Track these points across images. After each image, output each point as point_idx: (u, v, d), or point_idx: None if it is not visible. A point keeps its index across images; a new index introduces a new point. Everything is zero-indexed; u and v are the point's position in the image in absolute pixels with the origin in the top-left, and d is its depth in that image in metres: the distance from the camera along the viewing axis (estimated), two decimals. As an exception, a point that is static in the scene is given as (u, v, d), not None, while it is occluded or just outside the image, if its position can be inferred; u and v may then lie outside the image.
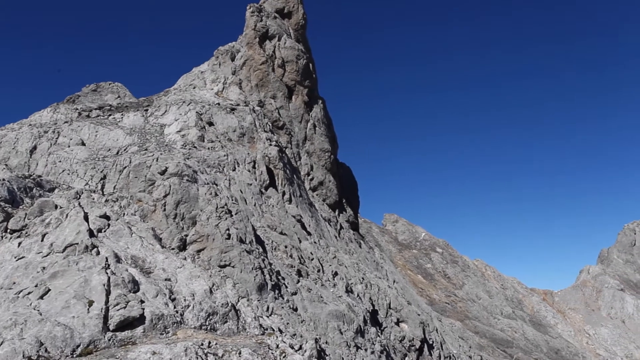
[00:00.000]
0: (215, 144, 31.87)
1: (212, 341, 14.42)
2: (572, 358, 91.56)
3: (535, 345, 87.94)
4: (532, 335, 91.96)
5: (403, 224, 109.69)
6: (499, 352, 72.73)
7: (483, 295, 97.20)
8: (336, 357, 21.68)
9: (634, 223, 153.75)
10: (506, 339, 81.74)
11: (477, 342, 70.10)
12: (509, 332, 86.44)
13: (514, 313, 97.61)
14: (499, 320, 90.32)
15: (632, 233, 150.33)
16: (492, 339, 78.14)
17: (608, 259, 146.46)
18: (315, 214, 36.98)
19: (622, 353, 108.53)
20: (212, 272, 19.43)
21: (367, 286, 32.12)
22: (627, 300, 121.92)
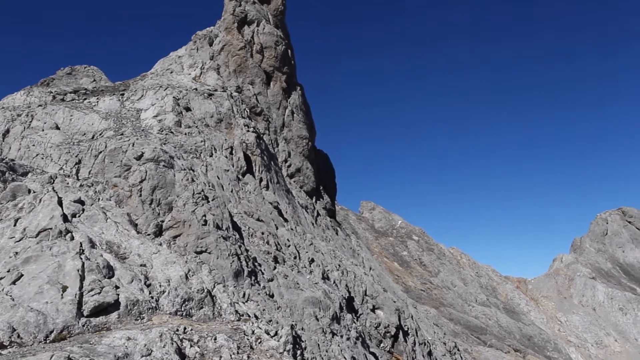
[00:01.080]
0: (192, 130, 31.62)
1: (187, 327, 14.38)
2: (544, 345, 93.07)
3: (508, 332, 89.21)
4: (506, 322, 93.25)
5: (380, 212, 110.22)
6: (473, 338, 73.68)
7: (458, 283, 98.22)
8: (312, 343, 21.77)
9: (606, 213, 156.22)
10: (480, 325, 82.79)
11: (452, 328, 70.92)
12: (483, 319, 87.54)
13: (488, 300, 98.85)
14: (473, 308, 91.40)
15: (605, 223, 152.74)
16: (467, 325, 79.11)
17: (581, 248, 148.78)
18: (293, 200, 36.96)
19: (593, 340, 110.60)
20: (188, 258, 19.34)
21: (343, 273, 32.25)
22: (598, 288, 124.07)
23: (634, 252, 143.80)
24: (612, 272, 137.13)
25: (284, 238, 28.90)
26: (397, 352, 30.96)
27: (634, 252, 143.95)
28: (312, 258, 29.52)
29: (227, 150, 31.58)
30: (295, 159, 42.37)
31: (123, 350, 12.40)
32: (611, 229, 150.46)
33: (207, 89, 37.21)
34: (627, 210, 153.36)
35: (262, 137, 37.07)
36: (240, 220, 26.29)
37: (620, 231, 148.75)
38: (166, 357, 12.50)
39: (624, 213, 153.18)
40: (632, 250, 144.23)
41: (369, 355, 26.51)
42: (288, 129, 42.82)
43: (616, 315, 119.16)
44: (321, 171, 47.72)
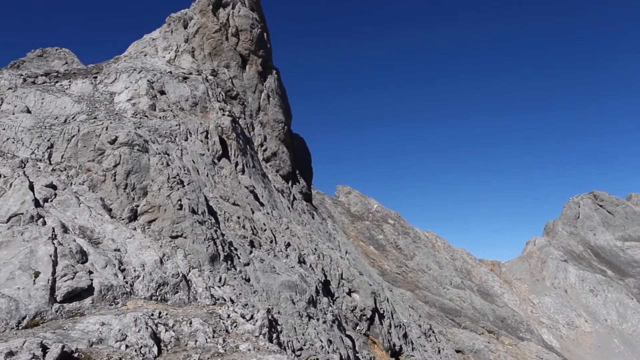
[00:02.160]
0: (167, 113, 31.27)
1: (162, 311, 14.31)
2: (517, 326, 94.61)
3: (482, 314, 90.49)
4: (480, 304, 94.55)
5: (356, 196, 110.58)
6: (448, 320, 74.61)
7: (433, 266, 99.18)
8: (288, 327, 21.85)
9: (578, 197, 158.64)
10: (455, 308, 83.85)
11: (427, 311, 71.69)
12: (457, 302, 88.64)
13: (463, 283, 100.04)
14: (448, 290, 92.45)
15: (577, 206, 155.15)
16: (441, 308, 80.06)
17: (553, 231, 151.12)
18: (269, 184, 36.87)
19: (564, 321, 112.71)
20: (163, 243, 19.22)
21: (319, 257, 32.35)
22: (570, 270, 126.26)
23: (605, 235, 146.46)
24: (583, 255, 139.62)
25: (260, 222, 28.86)
26: (373, 334, 31.23)
27: (605, 235, 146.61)
28: (289, 242, 29.54)
29: (203, 134, 31.34)
30: (271, 143, 42.22)
31: (97, 335, 12.32)
32: (583, 213, 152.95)
33: (181, 72, 36.79)
34: (598, 194, 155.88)
35: (238, 121, 36.84)
36: (216, 204, 26.17)
37: (592, 215, 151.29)
38: (141, 341, 12.44)
39: (596, 197, 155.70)
40: (603, 233, 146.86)
41: (345, 338, 26.71)
42: (264, 113, 42.60)
43: (587, 296, 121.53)
44: (297, 155, 47.65)
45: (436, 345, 42.81)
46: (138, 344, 12.40)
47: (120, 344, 12.22)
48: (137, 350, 12.21)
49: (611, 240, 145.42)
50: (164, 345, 12.92)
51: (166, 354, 12.61)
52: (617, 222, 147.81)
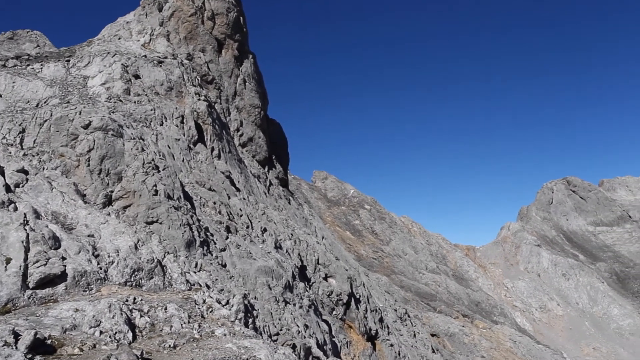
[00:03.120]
0: (141, 98, 30.91)
1: (137, 297, 14.23)
2: (491, 310, 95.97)
3: (457, 298, 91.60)
4: (455, 288, 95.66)
5: (332, 181, 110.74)
6: (423, 305, 75.36)
7: (409, 251, 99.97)
8: (265, 312, 21.89)
9: (552, 182, 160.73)
10: (430, 292, 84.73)
11: (403, 295, 72.34)
12: (433, 286, 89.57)
13: (438, 268, 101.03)
14: (423, 275, 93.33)
15: (550, 192, 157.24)
16: (417, 292, 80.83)
17: (527, 216, 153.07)
18: (245, 170, 36.74)
19: (537, 304, 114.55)
20: (138, 228, 19.07)
21: (296, 242, 32.40)
22: (543, 255, 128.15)
23: (577, 220, 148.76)
24: (556, 240, 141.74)
25: (236, 208, 28.79)
26: (349, 319, 31.44)
27: (577, 220, 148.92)
28: (265, 227, 29.52)
29: (178, 119, 31.07)
30: (247, 128, 42.02)
31: (71, 322, 12.21)
32: (556, 198, 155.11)
33: (156, 56, 36.35)
34: (571, 180, 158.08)
35: (214, 106, 36.58)
36: (191, 190, 26.03)
37: (565, 200, 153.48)
38: (115, 327, 12.36)
39: (569, 183, 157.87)
40: (576, 219, 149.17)
41: (322, 323, 26.86)
42: (240, 98, 42.34)
43: (559, 280, 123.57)
44: (274, 140, 47.51)
45: (412, 330, 43.27)
46: (112, 330, 12.32)
47: (94, 330, 12.13)
48: (112, 336, 12.14)
49: (583, 225, 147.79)
50: (138, 331, 12.86)
51: (141, 340, 12.56)
52: (589, 207, 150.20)
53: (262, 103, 44.61)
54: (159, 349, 12.13)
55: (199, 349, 12.32)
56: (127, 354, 10.67)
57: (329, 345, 25.75)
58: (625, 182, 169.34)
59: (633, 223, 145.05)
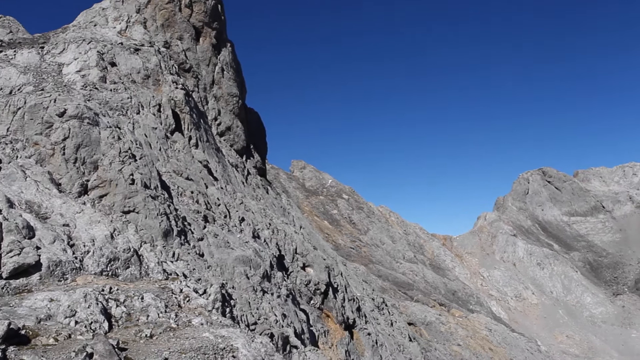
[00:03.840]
0: (118, 86, 30.55)
1: (113, 287, 14.13)
2: (467, 299, 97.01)
3: (434, 287, 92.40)
4: (432, 278, 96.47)
5: (310, 171, 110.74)
6: (401, 294, 75.89)
7: (387, 241, 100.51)
8: (243, 301, 21.88)
9: (528, 173, 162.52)
10: (407, 281, 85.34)
11: (380, 285, 72.76)
12: (410, 276, 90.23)
13: (415, 257, 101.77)
14: (401, 264, 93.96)
15: (526, 182, 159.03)
16: (394, 282, 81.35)
17: (503, 207, 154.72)
18: (223, 159, 36.57)
19: (512, 293, 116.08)
20: (114, 218, 18.90)
21: (273, 232, 32.38)
22: (519, 244, 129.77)
23: (552, 211, 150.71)
24: (531, 229, 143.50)
25: (214, 197, 28.66)
26: (327, 308, 31.56)
27: (552, 210, 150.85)
28: (243, 217, 29.46)
29: (155, 107, 30.78)
30: (225, 117, 41.78)
31: (45, 312, 12.09)
32: (532, 189, 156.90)
33: (133, 43, 35.91)
34: (547, 171, 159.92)
35: (191, 95, 36.29)
36: (169, 179, 25.85)
37: (540, 190, 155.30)
38: (91, 317, 12.27)
39: (544, 173, 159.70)
40: (551, 209, 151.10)
41: (300, 312, 26.92)
42: (218, 87, 42.06)
43: (534, 270, 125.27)
44: (252, 130, 47.31)
45: (389, 318, 43.57)
46: (88, 320, 12.23)
47: (69, 320, 12.03)
48: (87, 326, 12.05)
49: (558, 216, 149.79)
50: (115, 321, 12.79)
51: (117, 330, 12.49)
52: (564, 197, 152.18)
53: (240, 92, 44.38)
54: (136, 339, 12.07)
55: (176, 339, 12.29)
56: (103, 344, 10.61)
57: (306, 334, 25.84)
58: (600, 173, 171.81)
59: (606, 213, 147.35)
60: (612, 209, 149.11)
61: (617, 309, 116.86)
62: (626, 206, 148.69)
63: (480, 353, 60.85)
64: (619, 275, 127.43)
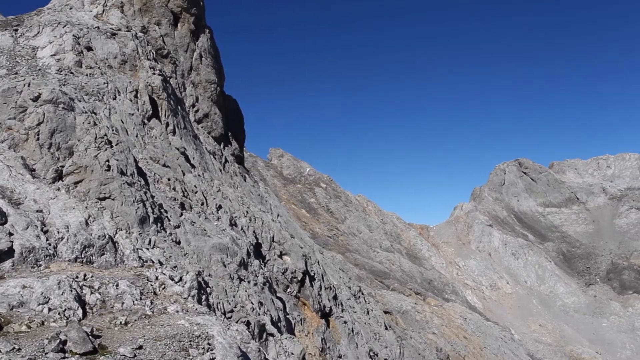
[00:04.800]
0: (94, 71, 30.13)
1: (87, 274, 14.00)
2: (443, 288, 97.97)
3: (410, 276, 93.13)
4: (408, 267, 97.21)
5: (288, 159, 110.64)
6: (377, 283, 76.37)
7: (364, 230, 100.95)
8: (219, 289, 21.84)
9: (504, 164, 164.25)
10: (384, 270, 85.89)
11: (357, 273, 73.13)
12: (386, 265, 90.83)
13: (392, 246, 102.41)
14: (377, 253, 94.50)
15: (502, 173, 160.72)
16: (371, 270, 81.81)
17: (480, 197, 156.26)
18: (200, 146, 36.35)
19: (487, 283, 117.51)
20: (89, 204, 18.68)
21: (251, 220, 32.32)
22: (494, 235, 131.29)
23: (528, 201, 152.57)
24: (507, 220, 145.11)
25: (191, 184, 28.50)
26: (304, 296, 31.65)
27: (528, 201, 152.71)
28: (220, 205, 29.35)
29: (132, 93, 30.44)
30: (203, 104, 41.49)
31: (18, 299, 11.95)
32: (508, 179, 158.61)
33: (110, 28, 35.40)
34: (523, 162, 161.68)
35: (169, 81, 35.96)
36: (145, 166, 25.62)
37: (516, 181, 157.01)
38: (65, 304, 12.16)
39: (520, 164, 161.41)
40: (526, 200, 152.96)
41: (276, 300, 26.96)
42: (196, 73, 41.71)
43: (509, 259, 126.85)
44: (230, 117, 47.05)
45: (365, 307, 43.83)
46: (62, 307, 12.12)
47: (42, 307, 11.91)
48: (61, 313, 11.94)
49: (533, 206, 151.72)
50: (89, 308, 12.68)
51: (91, 317, 12.39)
52: (540, 188, 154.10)
53: (219, 79, 44.06)
54: (110, 326, 11.99)
55: (151, 326, 12.24)
56: (77, 331, 10.52)
57: (283, 322, 25.90)
58: (574, 165, 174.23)
59: (580, 205, 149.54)
60: (586, 200, 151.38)
61: (589, 299, 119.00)
62: (599, 198, 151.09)
63: (454, 341, 61.57)
64: (591, 266, 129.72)
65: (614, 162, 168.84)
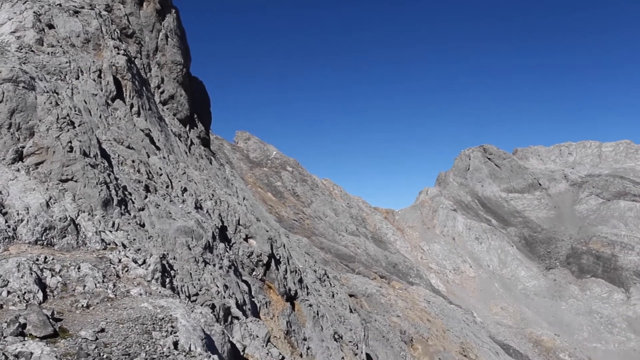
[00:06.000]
0: (56, 49, 29.43)
1: (48, 256, 13.77)
2: (408, 271, 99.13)
3: (375, 260, 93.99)
4: (373, 250, 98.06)
5: (255, 142, 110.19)
6: (342, 266, 76.90)
7: (329, 213, 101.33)
8: (184, 272, 21.73)
9: (469, 149, 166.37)
10: (349, 254, 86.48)
11: (322, 257, 73.48)
12: (352, 248, 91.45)
13: (358, 230, 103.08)
14: (343, 237, 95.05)
15: (467, 159, 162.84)
16: (337, 254, 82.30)
17: (445, 182, 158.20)
18: (165, 128, 35.91)
19: (451, 266, 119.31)
20: (50, 186, 18.33)
21: (216, 203, 32.15)
22: (459, 219, 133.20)
23: (492, 187, 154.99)
24: (471, 205, 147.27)
25: (156, 166, 28.18)
26: (269, 279, 31.70)
27: (492, 186, 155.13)
28: (185, 187, 29.11)
29: (95, 73, 29.86)
30: (168, 85, 40.93)
31: (-24, 281, 11.71)
32: (473, 165, 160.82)
33: (72, 5, 34.57)
34: (487, 148, 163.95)
35: (134, 61, 35.35)
36: (109, 147, 25.22)
37: (481, 167, 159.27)
38: (25, 287, 11.95)
39: (485, 150, 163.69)
40: (490, 185, 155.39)
41: (242, 283, 26.95)
42: (162, 54, 41.08)
43: (472, 244, 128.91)
44: (196, 99, 46.53)
45: (330, 290, 44.11)
46: (21, 290, 11.90)
47: (1, 290, 11.69)
48: (21, 296, 11.73)
49: (497, 192, 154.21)
50: (50, 291, 12.49)
51: (52, 300, 12.21)
52: (503, 174, 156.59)
53: (185, 60, 43.47)
54: (71, 309, 11.84)
55: (114, 309, 12.12)
56: (37, 314, 10.36)
57: (248, 306, 25.93)
58: (537, 152, 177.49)
59: (542, 190, 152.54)
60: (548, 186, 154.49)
61: (549, 283, 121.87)
62: (561, 184, 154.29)
63: (418, 324, 62.45)
64: (552, 250, 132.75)
65: (576, 150, 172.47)
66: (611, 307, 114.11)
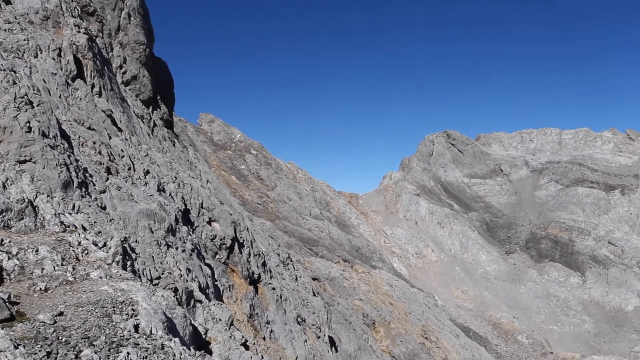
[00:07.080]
0: (13, 26, 28.60)
1: (5, 239, 13.47)
2: (371, 255, 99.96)
3: (339, 243, 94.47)
4: (337, 234, 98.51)
5: (219, 125, 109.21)
6: (306, 250, 77.11)
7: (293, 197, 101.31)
8: (146, 255, 21.52)
9: (433, 135, 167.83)
10: (313, 238, 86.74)
11: (286, 240, 73.54)
12: (315, 232, 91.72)
13: (322, 214, 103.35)
14: (307, 221, 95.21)
15: (431, 144, 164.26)
16: (300, 238, 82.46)
17: (408, 167, 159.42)
18: (127, 109, 35.32)
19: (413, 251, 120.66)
20: (6, 167, 17.87)
21: (179, 185, 31.85)
22: (422, 204, 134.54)
23: (454, 172, 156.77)
24: (434, 190, 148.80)
25: (118, 148, 27.73)
26: (232, 263, 31.62)
27: (455, 172, 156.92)
28: (148, 170, 28.74)
29: (55, 51, 29.13)
30: (131, 66, 40.19)
31: None
32: (436, 150, 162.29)
33: (31, -19, 33.59)
34: (451, 134, 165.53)
35: (95, 40, 34.58)
36: (69, 128, 24.70)
37: (444, 152, 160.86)
38: (-20, 270, 11.68)
39: (449, 136, 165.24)
40: (453, 170, 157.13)
41: (205, 267, 26.82)
42: (124, 33, 40.27)
43: (435, 228, 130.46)
44: (159, 80, 45.81)
45: (294, 274, 44.24)
46: (-23, 273, 11.63)
47: (-44, 273, 11.41)
48: (-24, 279, 11.47)
49: (460, 177, 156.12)
50: (6, 275, 12.22)
51: (9, 283, 11.96)
52: (466, 160, 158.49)
53: (148, 40, 42.70)
54: (29, 292, 11.62)
55: (73, 292, 11.94)
56: (-7, 298, 10.15)
57: (211, 289, 25.84)
58: (500, 138, 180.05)
59: (504, 176, 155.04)
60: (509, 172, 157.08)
61: (509, 267, 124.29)
62: (522, 170, 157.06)
63: (380, 307, 63.14)
64: (512, 235, 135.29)
65: (537, 137, 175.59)
66: (567, 291, 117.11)
